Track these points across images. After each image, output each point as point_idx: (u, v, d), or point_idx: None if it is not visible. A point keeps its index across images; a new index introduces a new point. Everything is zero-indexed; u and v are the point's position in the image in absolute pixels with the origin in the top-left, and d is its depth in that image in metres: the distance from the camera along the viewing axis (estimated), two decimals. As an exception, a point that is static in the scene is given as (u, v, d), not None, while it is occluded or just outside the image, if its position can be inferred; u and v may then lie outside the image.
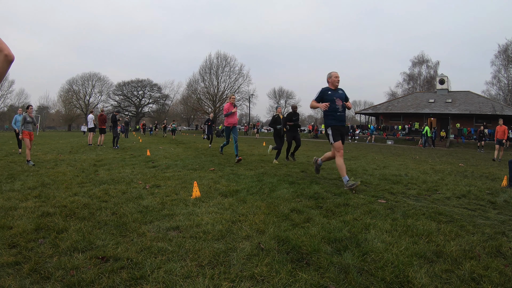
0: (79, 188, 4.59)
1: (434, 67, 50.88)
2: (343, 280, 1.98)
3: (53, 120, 69.08)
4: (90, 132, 15.47)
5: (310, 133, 37.31)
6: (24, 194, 4.16)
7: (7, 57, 1.26)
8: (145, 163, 7.76)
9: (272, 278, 1.98)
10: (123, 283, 1.91)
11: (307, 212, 3.45)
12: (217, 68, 52.45)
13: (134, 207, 3.56)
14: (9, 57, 1.26)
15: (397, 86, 54.35)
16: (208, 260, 2.22)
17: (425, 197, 4.48)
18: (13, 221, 3.00)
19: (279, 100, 72.59)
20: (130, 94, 66.45)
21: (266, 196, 4.21)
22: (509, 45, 40.15)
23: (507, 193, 4.81)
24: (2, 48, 1.25)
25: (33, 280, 1.92)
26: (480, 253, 2.41)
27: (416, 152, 15.18)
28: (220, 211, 3.46)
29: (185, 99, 57.44)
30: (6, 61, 1.26)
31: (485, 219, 3.43)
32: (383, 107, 34.81)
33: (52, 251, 2.33)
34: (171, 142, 19.35)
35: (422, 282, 1.94)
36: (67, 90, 62.08)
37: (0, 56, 1.24)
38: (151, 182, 5.10)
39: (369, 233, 2.80)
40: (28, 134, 7.84)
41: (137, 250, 2.37)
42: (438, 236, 2.76)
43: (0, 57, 1.25)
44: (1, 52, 1.24)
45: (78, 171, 6.26)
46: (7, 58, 1.26)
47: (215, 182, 5.20)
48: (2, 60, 1.25)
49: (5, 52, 1.25)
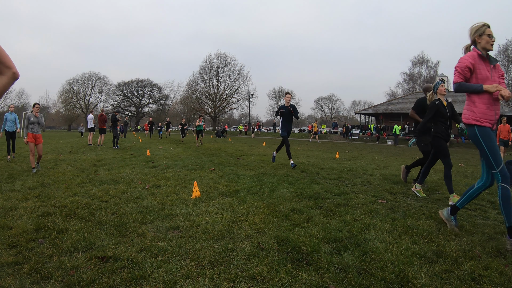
0: (79, 188, 4.59)
1: (434, 67, 50.95)
2: (343, 280, 1.98)
3: (53, 120, 69.10)
4: (90, 132, 15.47)
5: (310, 133, 37.31)
6: (24, 194, 4.16)
7: (15, 74, 1.34)
8: (145, 163, 7.76)
9: (272, 278, 1.98)
10: (123, 283, 1.91)
11: (307, 212, 3.45)
12: (217, 68, 52.49)
13: (134, 207, 3.56)
14: (16, 75, 1.34)
15: (397, 86, 54.42)
16: (208, 260, 2.22)
17: (425, 197, 4.48)
18: (13, 221, 3.00)
19: (279, 100, 72.66)
20: (130, 94, 66.46)
21: (266, 196, 4.21)
22: (509, 45, 40.21)
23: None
24: (11, 66, 1.32)
25: (33, 280, 1.92)
26: (480, 253, 2.41)
27: (416, 152, 15.18)
28: (220, 211, 3.46)
29: (185, 99, 57.43)
30: (13, 79, 1.34)
31: (485, 219, 3.43)
32: (383, 107, 34.80)
33: (52, 251, 2.33)
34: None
35: (422, 282, 1.94)
36: (67, 90, 62.10)
37: (9, 73, 1.32)
38: (151, 182, 5.10)
39: (369, 233, 2.80)
40: (33, 137, 6.53)
41: (137, 250, 2.37)
42: (438, 236, 2.76)
43: (9, 74, 1.32)
44: (10, 70, 1.32)
45: (78, 171, 6.26)
46: (14, 75, 1.34)
47: (215, 182, 5.20)
48: (10, 77, 1.32)
49: (13, 70, 1.33)
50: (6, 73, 1.31)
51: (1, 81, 1.29)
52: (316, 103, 76.61)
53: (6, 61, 1.30)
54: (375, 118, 37.78)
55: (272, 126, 48.71)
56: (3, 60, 1.29)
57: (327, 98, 75.64)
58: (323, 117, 74.85)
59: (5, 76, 1.31)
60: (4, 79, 1.30)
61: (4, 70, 1.30)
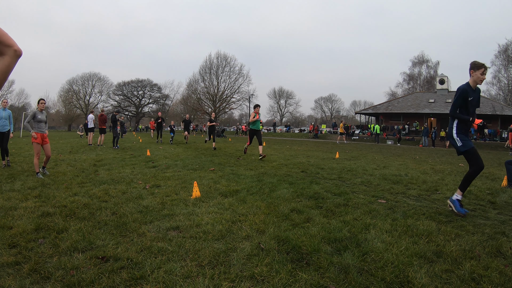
0: (79, 188, 4.59)
1: (434, 67, 50.88)
2: (343, 280, 1.98)
3: (53, 120, 69.01)
4: (90, 132, 15.46)
5: (310, 133, 37.30)
6: (24, 194, 4.16)
7: (16, 52, 1.27)
8: (145, 163, 7.76)
9: (272, 278, 1.98)
10: (123, 283, 1.91)
11: (307, 212, 3.45)
12: (217, 68, 52.42)
13: (134, 207, 3.56)
14: (18, 52, 1.28)
15: (397, 86, 54.33)
16: (208, 260, 2.22)
17: (425, 197, 4.48)
18: (13, 221, 3.00)
19: (279, 100, 72.68)
20: (130, 94, 66.43)
21: (266, 196, 4.21)
22: (509, 45, 40.11)
23: (507, 193, 4.81)
24: (11, 43, 1.25)
25: (33, 280, 1.92)
26: (480, 253, 2.41)
27: (416, 152, 15.19)
28: (220, 211, 3.46)
29: (185, 99, 57.38)
30: (16, 56, 1.27)
31: (485, 219, 3.43)
32: (383, 107, 34.80)
33: (52, 251, 2.33)
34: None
35: (422, 282, 1.94)
36: (67, 90, 62.04)
37: (10, 51, 1.25)
38: (151, 182, 5.10)
39: (369, 233, 2.80)
40: (41, 137, 5.80)
41: (137, 250, 2.37)
42: (438, 236, 2.76)
43: (10, 52, 1.25)
44: (11, 48, 1.25)
45: (78, 171, 6.26)
46: (16, 53, 1.27)
47: (215, 182, 5.20)
48: (12, 55, 1.26)
49: (14, 47, 1.26)
50: (7, 52, 1.25)
51: (4, 61, 1.23)
52: (316, 103, 76.66)
53: (5, 39, 1.24)
54: (375, 118, 37.78)
55: (272, 126, 48.73)
56: (2, 39, 1.23)
57: (327, 98, 75.67)
58: (323, 117, 74.85)
59: (7, 56, 1.25)
60: (6, 58, 1.24)
61: (5, 50, 1.24)
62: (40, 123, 5.83)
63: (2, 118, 6.90)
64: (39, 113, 5.85)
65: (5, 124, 6.98)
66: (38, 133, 5.76)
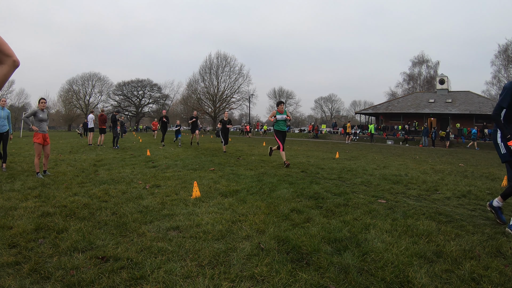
0: (79, 188, 4.59)
1: (434, 67, 50.89)
2: (343, 280, 1.98)
3: (53, 120, 69.00)
4: (90, 132, 15.46)
5: (310, 133, 37.29)
6: (24, 194, 4.16)
7: (15, 62, 1.33)
8: (145, 163, 7.76)
9: (272, 278, 1.98)
10: (123, 283, 1.91)
11: (307, 212, 3.45)
12: (217, 68, 52.46)
13: (134, 207, 3.56)
14: (16, 63, 1.33)
15: (397, 86, 54.33)
16: (208, 260, 2.22)
17: (425, 197, 4.48)
18: (13, 221, 3.00)
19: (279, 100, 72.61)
20: (130, 94, 66.43)
21: (266, 196, 4.21)
22: (509, 45, 40.12)
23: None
24: (11, 54, 1.31)
25: (33, 280, 1.92)
26: (480, 253, 2.41)
27: (416, 152, 15.19)
28: (220, 211, 3.46)
29: (185, 99, 57.41)
30: (14, 66, 1.33)
31: (485, 219, 3.43)
32: (383, 107, 34.80)
33: (52, 251, 2.33)
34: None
35: (422, 282, 1.94)
36: (67, 90, 62.04)
37: (9, 61, 1.31)
38: (151, 182, 5.10)
39: (369, 233, 2.80)
40: (42, 137, 5.72)
41: (137, 250, 2.37)
42: (438, 236, 2.76)
43: (9, 63, 1.31)
44: (10, 58, 1.31)
45: (78, 171, 6.26)
46: (14, 63, 1.33)
47: (215, 182, 5.21)
48: (10, 65, 1.31)
49: (13, 58, 1.32)
50: (6, 62, 1.30)
51: (2, 70, 1.28)
52: (316, 103, 76.68)
53: (5, 49, 1.29)
54: (375, 118, 37.78)
55: (272, 126, 48.67)
56: (2, 49, 1.28)
57: (327, 98, 75.70)
58: (323, 117, 74.84)
59: (6, 65, 1.30)
60: (4, 68, 1.29)
61: (4, 59, 1.29)
62: (42, 122, 5.77)
63: (0, 118, 6.62)
64: (40, 111, 5.79)
65: (3, 124, 6.71)
66: (40, 134, 5.72)
